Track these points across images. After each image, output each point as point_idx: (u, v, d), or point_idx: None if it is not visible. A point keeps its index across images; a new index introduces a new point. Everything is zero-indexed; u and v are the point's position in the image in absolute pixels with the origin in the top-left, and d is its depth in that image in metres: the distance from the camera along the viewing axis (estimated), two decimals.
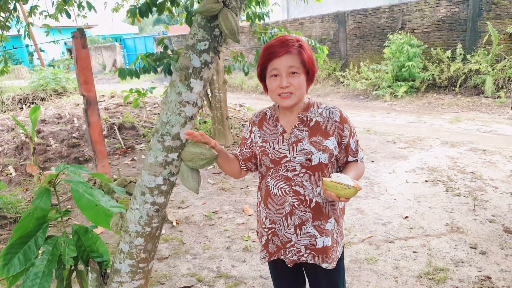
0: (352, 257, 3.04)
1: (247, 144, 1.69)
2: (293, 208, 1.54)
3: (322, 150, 1.50)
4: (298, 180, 1.53)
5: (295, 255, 1.60)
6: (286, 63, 1.47)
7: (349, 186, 1.36)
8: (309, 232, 1.56)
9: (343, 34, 12.25)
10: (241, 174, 1.75)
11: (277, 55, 1.47)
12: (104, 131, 7.41)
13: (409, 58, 9.66)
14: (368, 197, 4.14)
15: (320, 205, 1.55)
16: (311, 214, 1.55)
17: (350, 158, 1.61)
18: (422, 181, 4.47)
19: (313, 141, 1.52)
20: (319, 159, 1.50)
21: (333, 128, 1.54)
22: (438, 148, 5.69)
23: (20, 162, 6.13)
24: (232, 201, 4.26)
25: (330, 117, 1.55)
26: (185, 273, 2.97)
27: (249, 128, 1.70)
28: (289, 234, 1.58)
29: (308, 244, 1.57)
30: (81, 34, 4.36)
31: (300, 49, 1.48)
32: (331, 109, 1.57)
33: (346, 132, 1.56)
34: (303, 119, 1.56)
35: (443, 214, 3.64)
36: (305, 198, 1.54)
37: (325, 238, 1.57)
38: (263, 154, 1.58)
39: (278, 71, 1.48)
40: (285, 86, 1.47)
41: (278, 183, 1.56)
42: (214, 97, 6.00)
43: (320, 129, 1.54)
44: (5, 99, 12.30)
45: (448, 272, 2.75)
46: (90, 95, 4.52)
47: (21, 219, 1.66)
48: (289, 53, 1.47)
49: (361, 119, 8.26)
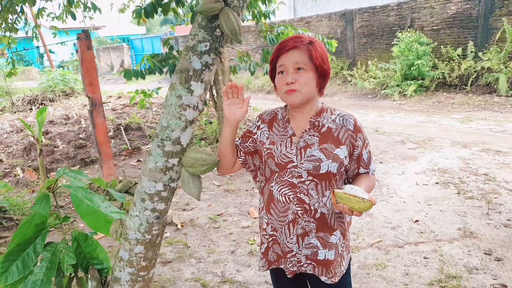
0: (360, 262, 2.96)
1: (253, 139, 1.58)
2: (297, 217, 1.47)
3: (332, 158, 1.43)
4: (303, 187, 1.45)
5: (295, 265, 1.53)
6: (293, 58, 1.40)
7: (364, 199, 1.28)
8: (311, 243, 1.49)
9: (351, 32, 12.12)
10: (234, 168, 1.62)
11: (284, 50, 1.41)
12: (111, 132, 7.40)
13: (418, 57, 9.52)
14: (377, 200, 4.05)
15: (325, 216, 1.47)
16: (315, 225, 1.47)
17: (362, 170, 1.53)
18: (433, 183, 4.36)
19: (323, 148, 1.44)
20: (328, 167, 1.43)
21: (346, 136, 1.46)
22: (449, 148, 5.57)
23: (28, 163, 6.14)
24: (237, 203, 4.20)
25: (344, 124, 1.47)
26: (189, 278, 2.92)
27: (257, 123, 1.59)
28: (291, 243, 1.50)
29: (309, 255, 1.50)
30: (86, 35, 4.33)
31: (309, 46, 1.41)
32: (345, 117, 1.49)
33: (359, 142, 1.48)
34: (315, 124, 1.48)
35: (455, 218, 3.54)
36: (310, 208, 1.46)
37: (328, 251, 1.49)
38: (269, 157, 1.50)
39: (285, 67, 1.41)
40: (290, 82, 1.40)
41: (282, 189, 1.49)
42: (219, 98, 5.94)
43: (332, 136, 1.46)
44: (15, 100, 12.40)
45: (461, 279, 2.66)
46: (95, 97, 4.50)
47: (19, 225, 1.62)
48: (296, 48, 1.40)
49: (369, 118, 8.15)
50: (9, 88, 13.92)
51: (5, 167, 6.01)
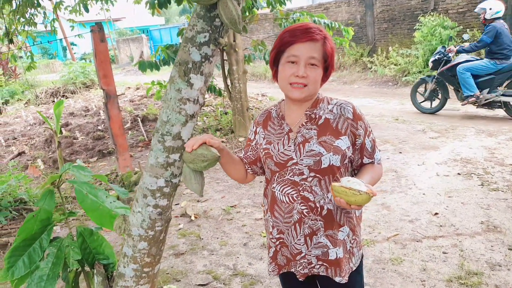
0: (376, 257, 2.88)
1: (252, 146, 1.55)
2: (302, 216, 1.40)
3: (333, 151, 1.35)
4: (306, 185, 1.38)
5: (306, 267, 1.46)
6: (309, 51, 1.32)
7: (361, 191, 1.21)
8: (320, 242, 1.42)
9: (371, 18, 11.79)
10: (247, 178, 1.62)
11: (299, 40, 1.32)
12: (128, 123, 7.47)
13: (442, 41, 9.17)
14: (394, 192, 3.94)
15: (332, 212, 1.40)
16: (322, 223, 1.41)
17: (366, 160, 1.46)
18: (455, 174, 4.20)
19: (322, 141, 1.37)
20: (330, 161, 1.35)
21: (346, 126, 1.38)
22: (473, 137, 5.36)
23: (48, 155, 6.27)
24: (251, 195, 4.16)
25: (342, 113, 1.40)
26: (201, 270, 2.91)
27: (253, 129, 1.55)
28: (299, 245, 1.44)
29: (319, 255, 1.44)
30: (99, 28, 4.33)
31: (325, 40, 1.34)
32: (343, 105, 1.41)
33: (361, 130, 1.40)
34: (311, 116, 1.41)
35: (477, 211, 3.40)
36: (315, 205, 1.39)
37: (338, 249, 1.42)
38: (267, 157, 1.44)
39: (297, 58, 1.33)
40: (301, 75, 1.32)
41: (284, 188, 1.42)
42: (234, 88, 5.88)
43: (331, 127, 1.38)
44: (38, 93, 12.69)
45: (483, 276, 2.54)
46: (109, 89, 4.51)
47: (25, 220, 1.62)
48: (314, 40, 1.32)
49: (389, 106, 7.94)
50: (33, 81, 14.29)
51: (27, 158, 6.16)
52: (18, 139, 7.47)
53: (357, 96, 9.29)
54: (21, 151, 6.55)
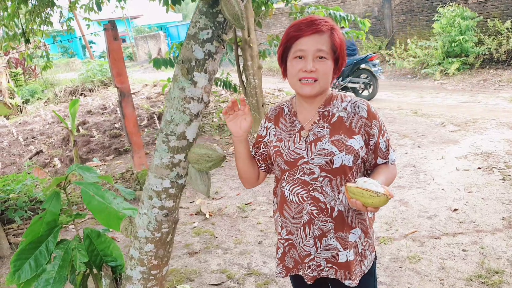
0: (393, 254, 2.80)
1: (264, 142, 1.48)
2: (312, 217, 1.35)
3: (346, 150, 1.29)
4: (317, 185, 1.33)
5: (315, 270, 1.41)
6: (315, 44, 1.26)
7: (379, 193, 1.15)
8: (330, 245, 1.37)
9: (388, 10, 11.53)
10: (260, 178, 1.54)
11: (305, 33, 1.27)
12: (144, 121, 7.52)
13: (461, 32, 8.89)
14: (412, 187, 3.83)
15: (343, 214, 1.35)
16: (332, 225, 1.35)
17: (380, 160, 1.39)
18: (475, 169, 4.06)
19: (334, 140, 1.31)
20: (342, 161, 1.30)
21: (360, 124, 1.32)
22: (494, 130, 5.18)
23: (66, 153, 6.36)
24: (266, 191, 4.11)
25: (356, 112, 1.33)
26: (215, 269, 2.89)
27: (264, 124, 1.49)
28: (308, 247, 1.39)
29: (329, 258, 1.38)
30: (112, 26, 4.34)
31: (332, 31, 1.28)
32: (357, 103, 1.35)
33: (375, 129, 1.34)
34: (324, 114, 1.35)
35: (499, 207, 3.27)
36: (326, 206, 1.34)
37: (348, 251, 1.37)
38: (277, 155, 1.39)
39: (304, 52, 1.27)
40: (310, 70, 1.27)
41: (294, 188, 1.37)
42: (249, 84, 5.83)
43: (344, 126, 1.32)
44: (57, 91, 12.91)
45: (504, 275, 2.44)
46: (123, 87, 4.52)
47: (31, 223, 1.61)
48: (320, 32, 1.27)
49: (408, 100, 7.76)
50: (53, 79, 14.55)
51: (45, 157, 6.26)
52: (36, 138, 7.61)
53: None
54: (39, 150, 6.67)
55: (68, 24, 6.96)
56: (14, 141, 7.64)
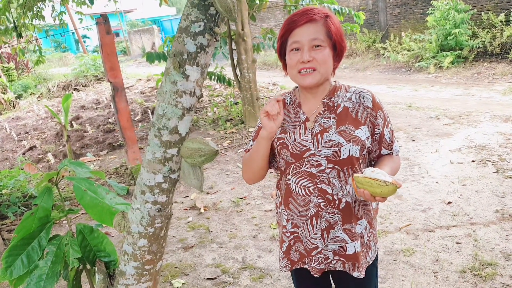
0: (387, 248, 2.81)
1: None
2: (319, 209, 1.34)
3: (353, 141, 1.28)
4: (324, 177, 1.31)
5: (323, 263, 1.39)
6: (309, 34, 1.25)
7: (387, 182, 1.14)
8: (338, 237, 1.36)
9: (383, 3, 11.51)
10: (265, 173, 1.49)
11: (298, 24, 1.26)
12: (138, 115, 7.47)
13: (455, 25, 8.90)
14: (406, 180, 3.85)
15: (350, 205, 1.34)
16: (340, 216, 1.34)
17: (384, 151, 1.39)
18: (469, 162, 4.08)
19: (341, 131, 1.30)
20: (349, 152, 1.28)
21: (365, 115, 1.32)
22: (488, 123, 5.20)
23: (59, 149, 6.31)
24: (261, 186, 4.11)
25: (361, 102, 1.33)
26: (210, 264, 2.89)
27: None
28: (315, 239, 1.37)
29: (336, 250, 1.37)
30: (104, 20, 4.29)
31: (326, 19, 1.27)
32: (362, 93, 1.34)
33: (380, 120, 1.33)
34: (329, 105, 1.34)
35: (492, 199, 3.29)
36: (333, 198, 1.32)
37: (356, 243, 1.36)
38: (282, 147, 1.37)
39: (300, 43, 1.26)
40: (307, 60, 1.25)
41: (300, 180, 1.35)
42: (243, 78, 5.81)
43: (350, 116, 1.31)
44: (51, 86, 12.80)
45: (497, 267, 2.46)
46: (116, 82, 4.48)
47: (22, 219, 1.60)
48: (313, 21, 1.25)
49: (402, 93, 7.77)
50: (46, 74, 14.41)
51: (38, 153, 6.21)
52: (30, 133, 7.55)
53: (370, 83, 9.12)
54: (33, 145, 6.61)
55: (61, 18, 6.87)
56: (7, 137, 7.58)
